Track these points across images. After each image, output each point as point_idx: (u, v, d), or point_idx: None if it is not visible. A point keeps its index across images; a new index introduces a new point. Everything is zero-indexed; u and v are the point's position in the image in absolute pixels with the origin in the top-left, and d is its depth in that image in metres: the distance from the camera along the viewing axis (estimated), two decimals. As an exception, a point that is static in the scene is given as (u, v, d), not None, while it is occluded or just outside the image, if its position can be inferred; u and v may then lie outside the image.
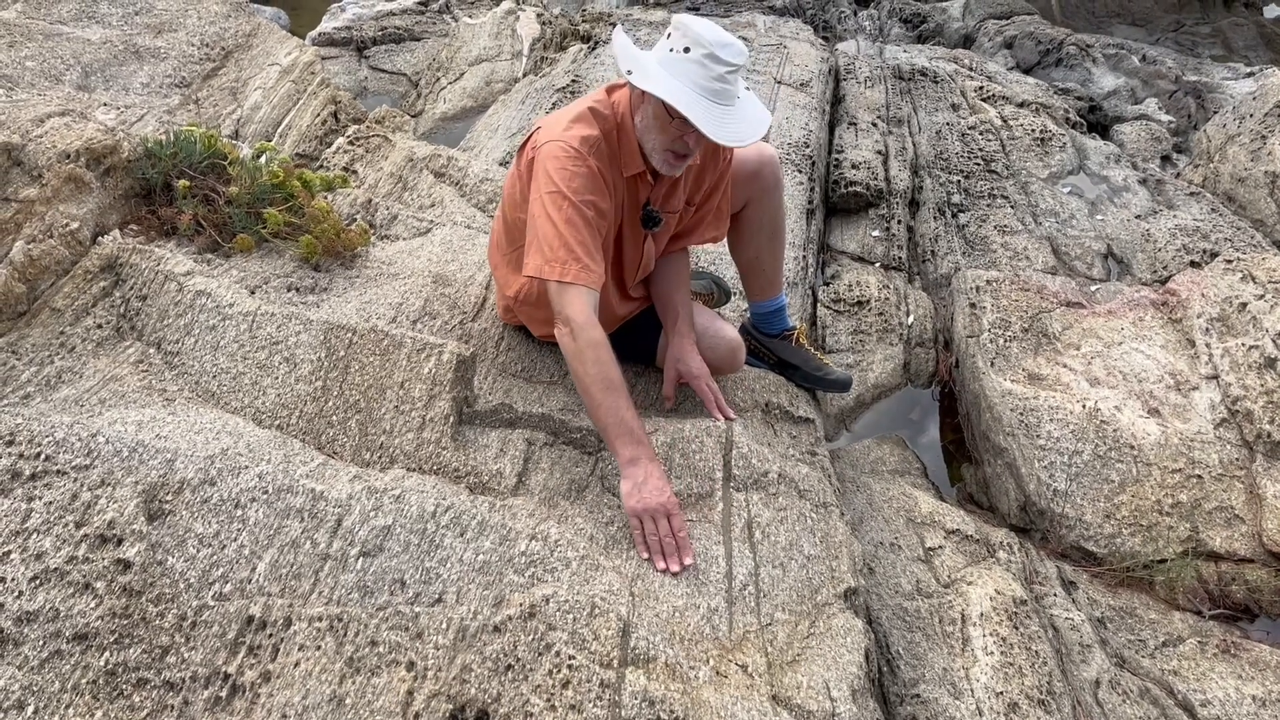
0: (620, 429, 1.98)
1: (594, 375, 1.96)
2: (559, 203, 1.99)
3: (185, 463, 1.72)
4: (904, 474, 3.07)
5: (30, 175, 2.32)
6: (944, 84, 5.72)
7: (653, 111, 2.05)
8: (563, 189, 2.00)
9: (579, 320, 1.97)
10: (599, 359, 1.96)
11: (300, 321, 2.24)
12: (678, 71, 1.96)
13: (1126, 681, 2.27)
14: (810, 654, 1.85)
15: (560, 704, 1.50)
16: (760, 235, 2.55)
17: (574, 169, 2.02)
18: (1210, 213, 4.40)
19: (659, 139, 2.07)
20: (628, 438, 1.98)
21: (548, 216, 2.00)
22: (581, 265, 1.98)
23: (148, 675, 1.47)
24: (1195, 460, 2.70)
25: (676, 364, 2.39)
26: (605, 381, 1.97)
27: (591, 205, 2.03)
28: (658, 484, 1.97)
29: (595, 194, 2.04)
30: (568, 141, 2.04)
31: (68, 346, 2.16)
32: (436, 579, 1.67)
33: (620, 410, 1.98)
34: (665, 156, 2.10)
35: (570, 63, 5.89)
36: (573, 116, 2.12)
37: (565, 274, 1.97)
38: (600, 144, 2.09)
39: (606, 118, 2.13)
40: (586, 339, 1.96)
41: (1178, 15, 10.73)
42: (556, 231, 1.98)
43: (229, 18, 4.23)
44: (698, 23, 1.98)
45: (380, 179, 3.84)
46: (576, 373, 2.00)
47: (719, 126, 1.96)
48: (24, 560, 1.49)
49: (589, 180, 2.03)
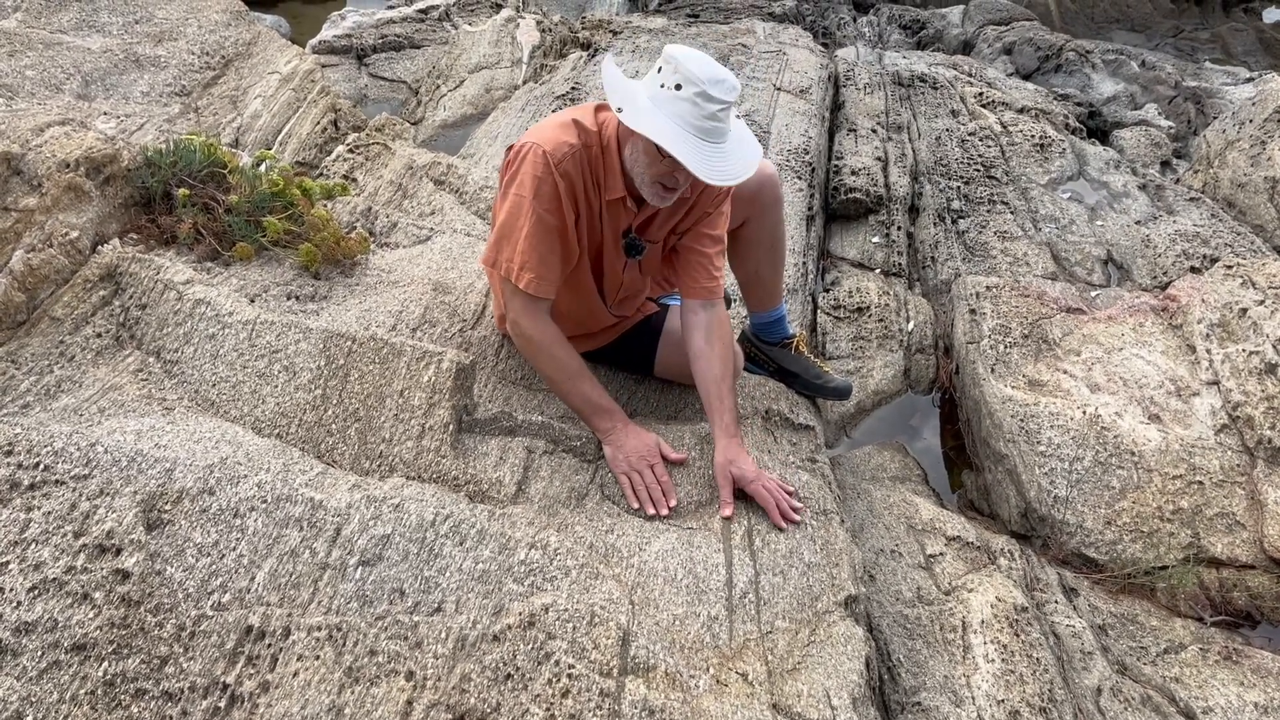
0: (590, 407, 2.22)
1: (553, 368, 2.21)
2: (525, 208, 2.09)
3: (184, 472, 1.72)
4: (904, 481, 3.06)
5: (30, 184, 2.32)
6: (943, 90, 5.73)
7: (643, 146, 2.02)
8: (529, 196, 2.07)
9: (529, 322, 2.17)
10: (553, 354, 2.19)
11: (300, 330, 2.24)
12: (669, 110, 1.94)
13: (1128, 689, 2.27)
14: (811, 662, 1.85)
15: (560, 713, 1.50)
16: (759, 250, 2.55)
17: (543, 176, 2.07)
18: (1210, 218, 4.40)
19: (648, 173, 2.06)
20: (599, 413, 2.22)
21: (512, 217, 2.11)
22: (536, 276, 2.12)
23: (146, 685, 1.46)
24: (1196, 466, 2.70)
25: (730, 468, 2.18)
26: (564, 370, 2.21)
27: (553, 213, 2.11)
28: (636, 440, 2.19)
29: (556, 203, 2.10)
30: (547, 148, 2.07)
31: (67, 355, 2.16)
32: (436, 588, 1.67)
33: (585, 392, 2.22)
34: (655, 189, 2.08)
35: (570, 70, 5.89)
36: (557, 123, 2.14)
37: (520, 279, 2.12)
38: (579, 154, 2.10)
39: (590, 132, 2.13)
40: (539, 339, 2.18)
41: (1177, 20, 10.75)
42: (520, 236, 2.10)
43: (229, 26, 4.24)
44: (690, 58, 1.95)
45: (380, 187, 3.85)
46: (537, 368, 2.27)
47: (709, 166, 1.94)
48: (22, 570, 1.49)
49: (553, 192, 2.09)
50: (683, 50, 1.99)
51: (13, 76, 3.27)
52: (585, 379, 2.22)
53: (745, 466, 2.18)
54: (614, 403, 2.25)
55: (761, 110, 5.02)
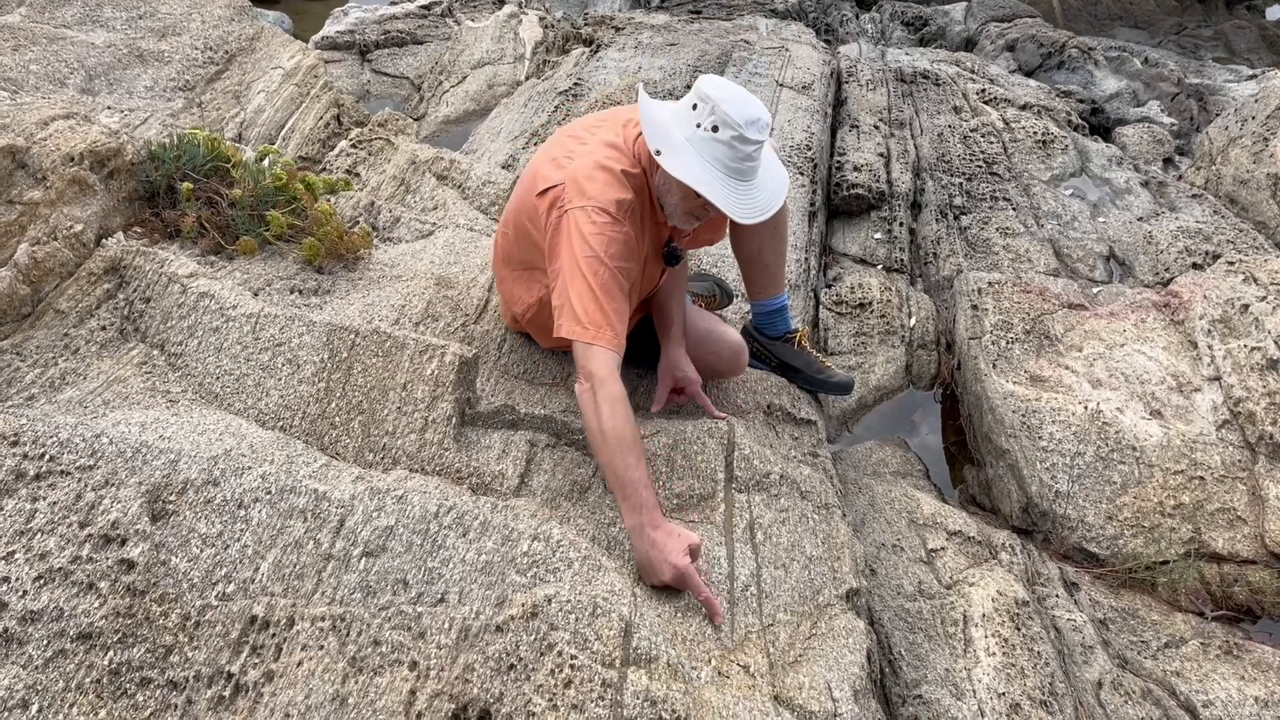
0: (629, 491, 1.92)
1: (609, 429, 1.94)
2: (595, 268, 1.99)
3: (189, 463, 1.73)
4: (906, 476, 3.07)
5: (34, 178, 2.33)
6: (946, 87, 5.72)
7: (676, 184, 2.04)
8: (600, 254, 2.00)
9: (602, 376, 1.96)
10: (615, 413, 1.94)
11: (303, 323, 2.25)
12: (705, 152, 1.98)
13: (1129, 682, 2.27)
14: (812, 654, 1.85)
15: (562, 704, 1.50)
16: (762, 229, 2.53)
17: (611, 234, 2.02)
18: (1212, 215, 4.40)
19: (680, 205, 2.10)
20: (634, 501, 1.92)
21: (584, 281, 1.99)
22: (614, 332, 2.00)
23: (151, 675, 1.47)
24: (1197, 462, 2.70)
25: (673, 371, 2.39)
26: (619, 437, 1.93)
27: (625, 271, 2.05)
28: (660, 557, 1.87)
29: (629, 260, 2.06)
30: (603, 206, 2.03)
31: (72, 348, 2.17)
32: (439, 579, 1.68)
33: (630, 470, 1.93)
34: (685, 219, 2.15)
35: (573, 66, 5.90)
36: (602, 170, 2.08)
37: (598, 339, 1.99)
38: (634, 207, 2.09)
39: (635, 176, 2.12)
40: (607, 393, 1.95)
41: (1180, 18, 10.74)
42: (593, 297, 1.98)
43: (232, 21, 4.25)
44: (726, 99, 1.97)
45: (383, 182, 3.85)
46: (591, 426, 1.98)
47: (741, 205, 2.00)
48: (28, 560, 1.49)
49: (624, 246, 2.04)
50: (718, 88, 2.00)
51: (17, 71, 3.27)
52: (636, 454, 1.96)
53: (688, 371, 2.37)
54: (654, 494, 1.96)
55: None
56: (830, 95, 5.55)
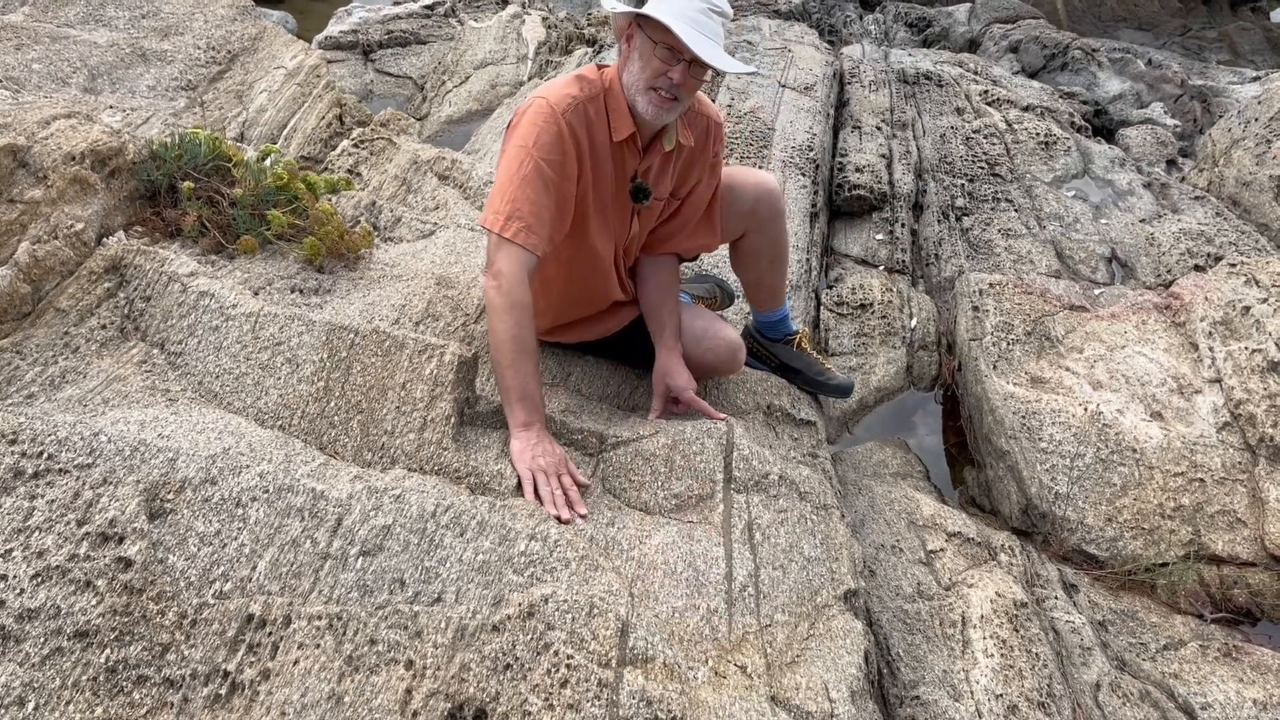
0: (523, 393, 2.05)
1: (513, 334, 2.01)
2: (522, 157, 2.02)
3: (187, 462, 1.73)
4: (906, 477, 3.06)
5: (36, 176, 2.33)
6: (949, 88, 5.72)
7: (639, 51, 2.05)
8: (529, 144, 2.03)
9: (510, 276, 2.01)
10: (520, 320, 2.01)
11: (303, 322, 2.25)
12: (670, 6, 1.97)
13: (1127, 684, 2.27)
14: (810, 655, 1.85)
15: (558, 703, 1.50)
16: (761, 261, 2.59)
17: (543, 125, 2.04)
18: (1215, 216, 4.39)
19: (643, 77, 2.06)
20: (528, 403, 2.05)
21: (509, 169, 2.04)
22: (525, 225, 2.01)
23: (148, 672, 1.47)
24: (1197, 464, 2.70)
25: (665, 379, 2.38)
26: (519, 343, 2.02)
27: (552, 165, 2.04)
28: (550, 448, 2.05)
29: (560, 153, 2.06)
30: (549, 99, 2.06)
31: (72, 347, 2.18)
32: (436, 578, 1.68)
33: (526, 376, 2.04)
34: (650, 97, 2.07)
35: (575, 66, 5.90)
36: (561, 80, 2.15)
37: (506, 229, 2.01)
38: (583, 106, 2.10)
39: (593, 82, 2.14)
40: (515, 298, 2.00)
41: (1184, 19, 10.72)
42: (513, 186, 2.01)
43: (235, 21, 4.25)
44: None
45: (384, 181, 3.86)
46: (495, 328, 2.03)
47: (702, 49, 1.96)
48: (26, 558, 1.49)
49: (556, 139, 2.05)
50: None
51: (19, 70, 3.28)
52: (534, 364, 2.08)
53: (680, 378, 2.34)
54: (544, 406, 2.13)
55: (766, 107, 5.02)
56: (833, 96, 5.54)
